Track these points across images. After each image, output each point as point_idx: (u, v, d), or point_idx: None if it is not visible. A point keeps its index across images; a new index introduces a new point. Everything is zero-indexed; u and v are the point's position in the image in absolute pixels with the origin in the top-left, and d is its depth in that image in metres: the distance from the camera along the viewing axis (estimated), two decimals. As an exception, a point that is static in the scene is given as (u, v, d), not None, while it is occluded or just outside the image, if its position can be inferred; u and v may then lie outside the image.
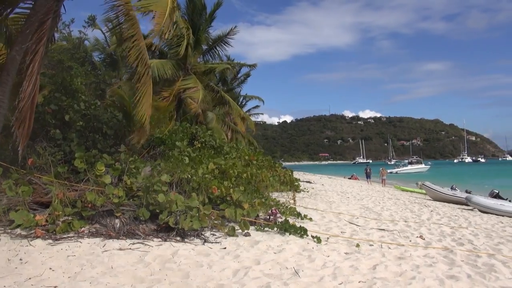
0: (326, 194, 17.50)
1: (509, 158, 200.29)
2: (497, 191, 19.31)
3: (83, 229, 6.11)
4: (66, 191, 6.48)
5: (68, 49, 13.21)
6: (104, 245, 5.58)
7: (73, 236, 5.80)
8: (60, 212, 6.12)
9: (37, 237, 5.56)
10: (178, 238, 6.19)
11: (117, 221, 6.36)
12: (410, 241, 7.61)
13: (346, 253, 6.20)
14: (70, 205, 6.33)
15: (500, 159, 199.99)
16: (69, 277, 4.34)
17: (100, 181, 6.86)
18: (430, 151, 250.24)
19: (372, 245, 6.94)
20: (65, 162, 7.68)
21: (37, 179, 6.84)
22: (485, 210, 15.44)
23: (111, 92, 11.52)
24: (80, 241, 5.63)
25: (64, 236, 5.78)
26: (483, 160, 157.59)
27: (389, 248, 6.80)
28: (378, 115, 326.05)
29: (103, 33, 17.11)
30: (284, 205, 9.85)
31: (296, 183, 17.19)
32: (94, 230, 6.17)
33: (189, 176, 7.94)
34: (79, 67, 11.02)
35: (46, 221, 5.95)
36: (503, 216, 14.57)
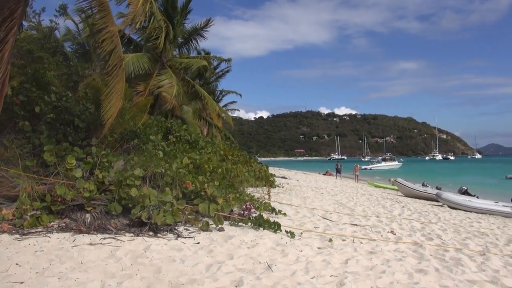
0: (300, 190, 17.64)
1: (477, 156, 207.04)
2: (466, 188, 19.90)
3: (52, 223, 5.97)
4: (34, 185, 6.31)
5: (38, 39, 12.78)
6: (74, 240, 5.46)
7: (42, 231, 5.66)
8: (28, 206, 5.96)
9: (4, 231, 5.39)
10: (151, 233, 6.11)
11: (88, 215, 6.24)
12: (382, 236, 7.75)
13: (319, 248, 6.26)
14: (39, 199, 6.17)
15: (469, 156, 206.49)
16: (36, 273, 4.22)
17: (71, 175, 6.70)
18: (403, 148, 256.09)
19: (345, 240, 7.03)
20: (34, 155, 7.45)
21: (4, 172, 6.61)
22: (454, 206, 15.90)
23: (85, 85, 11.24)
24: (48, 236, 5.49)
25: (32, 231, 5.62)
26: (452, 158, 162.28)
27: (361, 243, 6.91)
28: (353, 112, 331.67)
29: (75, 23, 16.63)
30: (259, 200, 9.88)
31: (271, 179, 17.28)
32: (64, 224, 6.03)
33: (163, 170, 7.84)
34: (49, 57, 10.68)
35: (13, 215, 5.78)
36: (470, 212, 15.05)
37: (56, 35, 15.38)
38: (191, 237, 6.18)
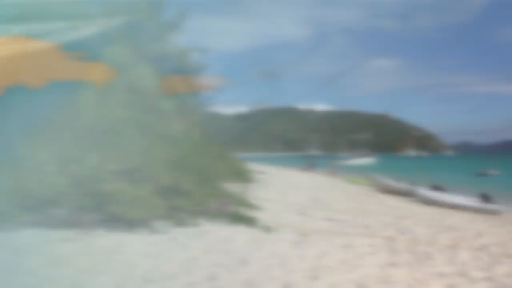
0: (278, 185, 17.71)
1: (450, 153, 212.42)
2: (438, 184, 20.35)
3: (24, 218, 5.82)
4: (6, 179, 6.14)
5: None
6: (46, 235, 5.36)
7: (13, 226, 5.53)
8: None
9: (-28, 227, 5.24)
10: (125, 228, 6.05)
11: (61, 211, 6.12)
12: (356, 230, 7.88)
13: (294, 242, 6.33)
14: (11, 193, 6.01)
15: (442, 153, 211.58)
16: (6, 269, 4.13)
17: (45, 169, 6.54)
18: (379, 144, 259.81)
19: (320, 234, 7.12)
20: (6, 149, 7.24)
21: (-27, 166, 6.41)
22: (427, 202, 16.26)
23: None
24: (20, 231, 5.37)
25: (3, 226, 5.48)
26: (426, 154, 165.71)
27: (336, 237, 7.01)
28: (331, 108, 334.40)
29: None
30: (236, 195, 9.87)
31: (249, 174, 17.29)
32: (36, 220, 5.90)
33: (139, 165, 7.74)
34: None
35: (-17, 210, 5.62)
36: (443, 207, 15.42)
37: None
38: (166, 232, 6.15)
